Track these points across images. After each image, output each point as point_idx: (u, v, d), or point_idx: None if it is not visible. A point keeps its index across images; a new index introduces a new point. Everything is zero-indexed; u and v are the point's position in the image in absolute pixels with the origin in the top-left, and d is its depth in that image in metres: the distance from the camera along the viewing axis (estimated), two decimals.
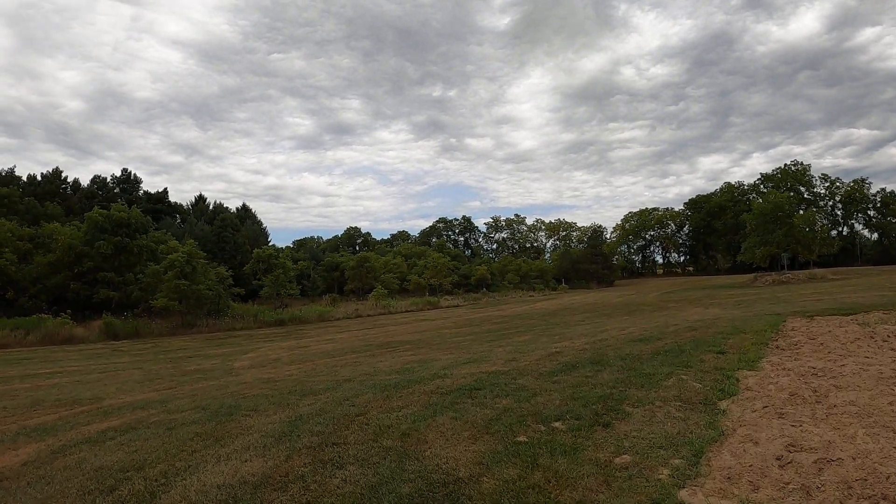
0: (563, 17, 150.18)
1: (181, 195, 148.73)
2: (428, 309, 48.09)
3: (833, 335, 11.11)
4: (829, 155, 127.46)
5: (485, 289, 65.08)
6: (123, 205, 42.07)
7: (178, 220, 63.40)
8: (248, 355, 19.47)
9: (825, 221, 52.53)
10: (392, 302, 50.36)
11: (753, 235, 45.68)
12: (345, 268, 64.08)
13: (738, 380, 7.31)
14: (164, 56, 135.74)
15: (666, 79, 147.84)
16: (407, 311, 45.91)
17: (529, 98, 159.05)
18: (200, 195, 73.41)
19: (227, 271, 40.69)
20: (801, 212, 46.66)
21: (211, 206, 70.91)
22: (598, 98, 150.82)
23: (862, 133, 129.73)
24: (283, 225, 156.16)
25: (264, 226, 72.55)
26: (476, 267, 73.95)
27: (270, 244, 65.22)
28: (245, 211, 72.48)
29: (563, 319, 23.72)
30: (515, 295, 61.47)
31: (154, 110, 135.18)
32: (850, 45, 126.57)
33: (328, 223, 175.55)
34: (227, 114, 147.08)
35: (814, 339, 10.84)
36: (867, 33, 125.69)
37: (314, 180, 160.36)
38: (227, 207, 71.48)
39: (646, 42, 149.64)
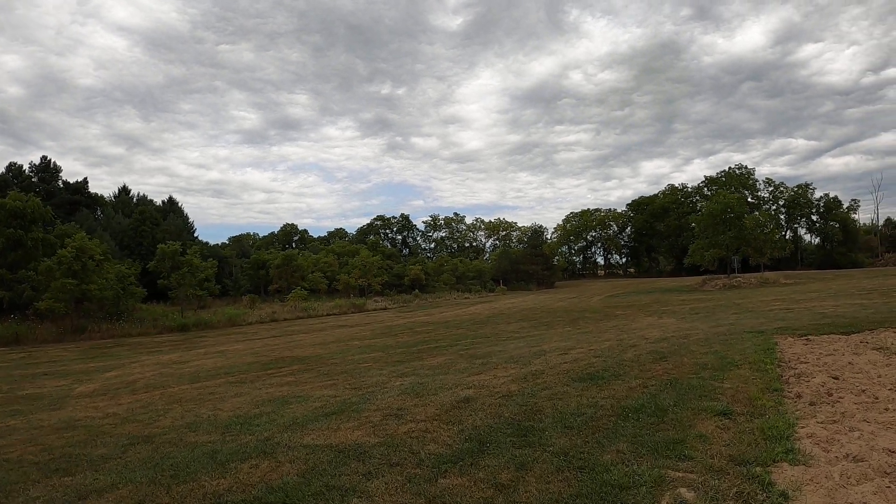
0: (516, 19, 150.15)
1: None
2: (352, 312, 44.09)
3: (861, 370, 7.87)
4: (768, 163, 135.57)
5: (417, 290, 61.18)
6: (21, 193, 36.29)
7: (99, 213, 58.01)
8: (108, 374, 15.88)
9: (774, 224, 51.25)
10: (314, 304, 46.09)
11: (702, 237, 43.53)
12: (271, 266, 59.24)
13: (786, 497, 3.75)
14: (109, 42, 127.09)
15: (613, 84, 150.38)
16: (328, 315, 41.87)
17: (478, 99, 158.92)
18: (125, 186, 67.83)
19: (132, 268, 35.95)
20: (750, 214, 44.90)
21: (135, 199, 66.28)
22: (545, 101, 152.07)
23: (800, 143, 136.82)
24: (225, 221, 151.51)
25: (190, 220, 67.91)
26: (410, 267, 69.99)
27: (198, 240, 61.57)
28: (171, 204, 67.75)
29: (495, 330, 20.24)
30: (450, 297, 57.86)
31: (96, 99, 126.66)
32: (792, 59, 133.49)
33: (270, 220, 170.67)
34: (172, 105, 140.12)
35: (838, 377, 7.56)
36: (809, 49, 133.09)
37: (258, 176, 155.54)
38: (151, 200, 67.12)
39: (595, 48, 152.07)
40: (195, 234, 65.73)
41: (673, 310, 22.72)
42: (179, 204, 68.85)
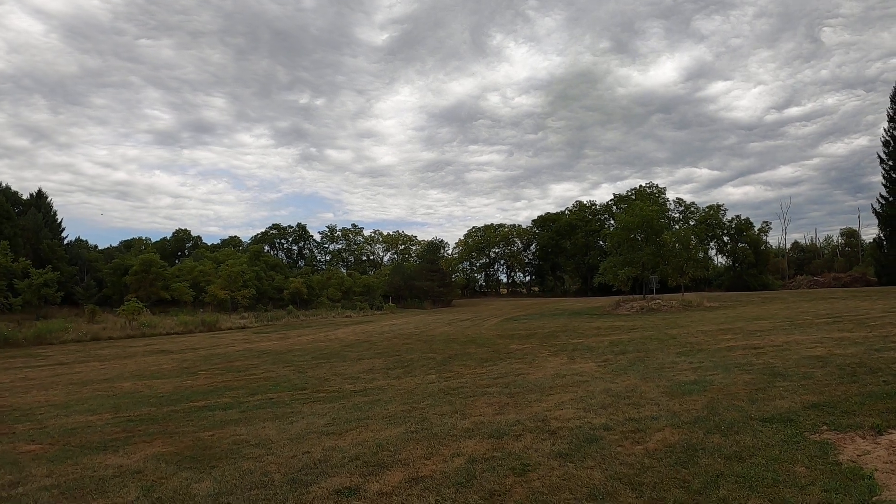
0: (441, 39, 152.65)
1: (21, 184, 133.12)
2: (200, 331, 36.36)
3: None
4: (672, 190, 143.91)
5: (292, 306, 53.76)
6: None
7: None
8: None
9: (696, 241, 47.69)
10: (162, 319, 38.53)
11: (615, 254, 38.66)
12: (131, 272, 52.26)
13: None
14: (25, 25, 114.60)
15: (529, 109, 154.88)
16: (168, 334, 34.28)
17: (395, 114, 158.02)
18: None
19: None
20: (671, 230, 40.82)
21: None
22: (461, 120, 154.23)
23: (703, 172, 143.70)
24: (129, 225, 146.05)
25: (59, 219, 64.16)
26: (291, 279, 62.31)
27: (72, 239, 60.42)
28: (38, 199, 63.43)
29: (331, 373, 13.70)
30: (329, 315, 50.69)
31: (4, 85, 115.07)
32: (701, 94, 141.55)
33: (175, 226, 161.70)
34: (83, 98, 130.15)
35: None
36: (718, 86, 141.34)
37: (166, 179, 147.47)
38: (15, 192, 61.64)
39: (515, 72, 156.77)
40: (62, 233, 63.24)
41: (588, 344, 16.89)
42: (48, 199, 65.06)
